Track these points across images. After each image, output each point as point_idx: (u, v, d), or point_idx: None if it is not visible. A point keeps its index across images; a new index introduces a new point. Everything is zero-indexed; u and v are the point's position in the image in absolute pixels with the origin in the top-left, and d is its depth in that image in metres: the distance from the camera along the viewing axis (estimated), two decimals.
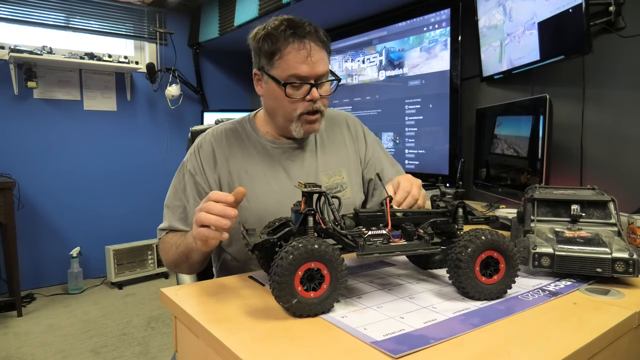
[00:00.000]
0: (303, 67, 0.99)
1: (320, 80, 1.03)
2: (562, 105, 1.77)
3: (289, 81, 1.00)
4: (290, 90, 1.01)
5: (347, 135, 1.24)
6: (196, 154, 1.12)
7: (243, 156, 1.12)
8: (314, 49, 1.00)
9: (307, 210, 0.70)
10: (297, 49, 0.99)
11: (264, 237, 0.72)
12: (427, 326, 0.62)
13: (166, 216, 1.11)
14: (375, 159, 1.24)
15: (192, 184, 1.11)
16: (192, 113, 3.84)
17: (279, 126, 1.11)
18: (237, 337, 0.60)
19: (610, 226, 0.90)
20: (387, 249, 0.72)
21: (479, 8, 2.07)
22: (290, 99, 1.02)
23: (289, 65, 0.99)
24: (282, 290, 0.63)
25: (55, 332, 2.50)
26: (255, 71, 1.08)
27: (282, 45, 0.99)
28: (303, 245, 0.63)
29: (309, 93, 1.02)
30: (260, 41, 1.02)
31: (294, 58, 0.99)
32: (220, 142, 1.13)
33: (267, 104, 1.11)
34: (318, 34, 1.02)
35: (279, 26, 1.00)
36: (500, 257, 0.72)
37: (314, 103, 1.04)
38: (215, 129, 1.16)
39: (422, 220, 0.78)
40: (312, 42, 1.00)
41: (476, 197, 2.14)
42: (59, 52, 3.13)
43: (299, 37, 0.99)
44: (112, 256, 3.23)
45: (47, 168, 3.23)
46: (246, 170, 1.10)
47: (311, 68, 1.00)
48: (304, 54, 0.99)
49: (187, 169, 1.12)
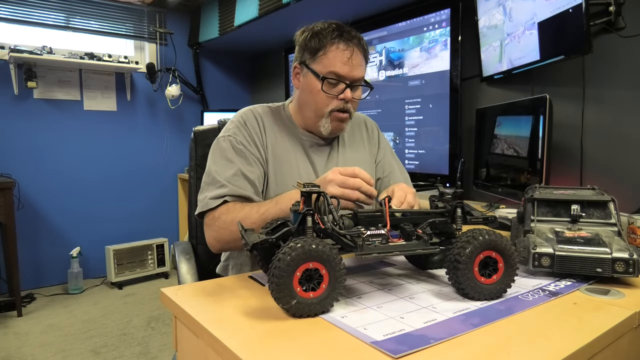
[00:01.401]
0: (343, 66, 1.06)
1: (355, 83, 1.10)
2: (562, 105, 1.77)
3: (328, 77, 1.07)
4: (326, 86, 1.07)
5: (365, 136, 1.29)
6: (242, 127, 1.14)
7: (279, 137, 1.16)
8: (356, 53, 1.08)
9: (305, 210, 0.70)
10: (341, 50, 1.06)
11: (263, 236, 0.72)
12: (427, 326, 0.62)
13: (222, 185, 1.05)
14: (386, 162, 1.29)
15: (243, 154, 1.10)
16: (192, 113, 3.85)
17: (309, 120, 1.15)
18: (237, 337, 0.60)
19: (610, 226, 0.90)
20: (386, 249, 0.72)
21: (479, 8, 2.07)
22: (325, 93, 1.08)
23: (331, 62, 1.06)
24: (281, 292, 0.63)
25: (55, 332, 2.50)
26: (296, 65, 1.14)
27: (328, 43, 1.06)
28: (300, 245, 0.63)
29: (343, 92, 1.08)
30: (307, 37, 1.10)
31: (336, 57, 1.06)
32: (263, 118, 1.17)
33: (302, 97, 1.15)
34: (361, 42, 1.10)
35: (327, 27, 1.08)
36: (498, 256, 0.72)
37: (345, 103, 1.09)
38: (254, 108, 1.20)
39: (421, 220, 0.78)
40: (355, 47, 1.07)
41: (476, 197, 2.15)
42: (59, 52, 3.13)
43: (344, 39, 1.07)
44: (112, 256, 3.23)
45: (47, 168, 3.23)
46: (280, 151, 1.14)
47: (350, 69, 1.07)
48: (346, 55, 1.06)
49: (237, 141, 1.11)
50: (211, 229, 1.05)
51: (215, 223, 1.03)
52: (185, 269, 1.28)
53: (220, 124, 1.42)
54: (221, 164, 1.09)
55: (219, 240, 1.04)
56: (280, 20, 2.91)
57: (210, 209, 1.05)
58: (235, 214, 1.00)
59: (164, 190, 3.75)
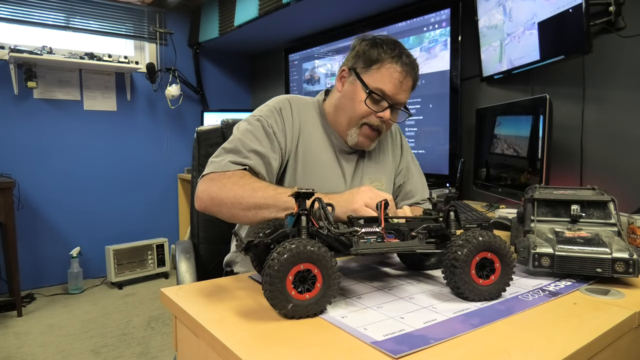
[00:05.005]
0: (393, 87, 1.07)
1: (396, 106, 1.10)
2: (562, 105, 1.77)
3: (375, 92, 1.07)
4: (370, 100, 1.08)
5: (390, 142, 1.29)
6: (277, 114, 1.11)
7: (314, 133, 1.15)
8: (408, 79, 1.09)
9: (300, 211, 0.70)
10: (397, 71, 1.07)
11: (257, 238, 0.72)
12: (427, 326, 0.62)
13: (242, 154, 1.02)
14: (407, 167, 1.30)
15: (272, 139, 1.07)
16: (192, 113, 3.84)
17: (340, 126, 1.14)
18: (237, 337, 0.60)
19: (610, 226, 0.90)
20: (382, 246, 0.71)
21: (479, 8, 2.07)
22: (365, 107, 1.08)
23: (383, 79, 1.07)
24: (275, 298, 0.63)
25: (55, 332, 2.50)
26: (345, 69, 1.14)
27: (387, 60, 1.06)
28: (289, 249, 0.62)
29: (384, 111, 1.08)
30: (367, 46, 1.09)
31: (390, 75, 1.06)
32: (300, 110, 1.15)
33: (341, 101, 1.14)
34: (416, 69, 1.11)
35: (390, 43, 1.08)
36: (494, 257, 0.72)
37: (382, 121, 1.10)
38: (292, 97, 1.18)
39: (416, 225, 0.78)
40: (409, 72, 1.08)
41: (476, 197, 2.15)
42: (59, 52, 3.13)
43: (403, 62, 1.07)
44: (112, 256, 3.23)
45: (47, 168, 3.23)
46: (310, 148, 1.13)
47: (397, 92, 1.08)
48: (399, 77, 1.07)
49: (268, 124, 1.08)
50: (214, 183, 0.96)
51: (223, 179, 0.96)
52: (185, 268, 1.28)
53: (224, 124, 1.42)
54: (249, 138, 1.05)
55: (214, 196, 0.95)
56: (280, 20, 2.91)
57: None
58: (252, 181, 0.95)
59: (164, 190, 3.75)
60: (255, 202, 0.92)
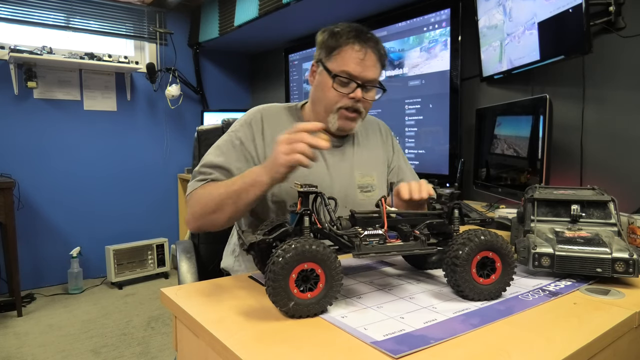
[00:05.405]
0: (356, 66, 1.08)
1: (368, 84, 1.11)
2: (562, 105, 1.77)
3: (340, 75, 1.09)
4: (337, 84, 1.10)
5: (380, 140, 1.31)
6: (246, 126, 1.16)
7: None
8: (370, 55, 1.10)
9: (303, 210, 0.70)
10: (356, 50, 1.08)
11: (260, 237, 0.72)
12: (427, 326, 0.62)
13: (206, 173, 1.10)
14: (399, 168, 1.32)
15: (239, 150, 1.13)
16: (192, 113, 3.84)
17: (319, 116, 1.17)
18: (237, 337, 0.60)
19: (610, 226, 0.90)
20: (383, 249, 0.71)
21: (479, 8, 2.07)
22: (335, 91, 1.10)
23: (344, 62, 1.08)
24: (277, 295, 0.63)
25: (55, 332, 2.50)
26: (314, 63, 1.17)
27: (344, 43, 1.09)
28: (294, 247, 0.63)
29: (354, 91, 1.10)
30: (326, 36, 1.13)
31: (350, 56, 1.08)
32: (269, 119, 1.18)
33: (314, 93, 1.18)
34: (378, 45, 1.12)
35: (346, 28, 1.10)
36: (495, 256, 0.72)
37: (355, 102, 1.11)
38: (264, 108, 1.22)
39: (418, 222, 0.78)
40: (370, 49, 1.09)
41: (476, 197, 2.15)
42: (59, 52, 3.13)
43: (360, 40, 1.09)
44: (112, 256, 3.23)
45: (47, 168, 3.23)
46: None
47: (362, 70, 1.09)
48: (359, 56, 1.08)
49: (236, 137, 1.15)
50: (188, 206, 1.07)
51: (191, 199, 1.06)
52: (186, 267, 1.28)
53: (224, 123, 1.42)
54: (216, 153, 1.13)
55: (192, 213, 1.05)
56: (280, 20, 2.91)
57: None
58: (209, 189, 1.04)
59: (164, 190, 3.75)
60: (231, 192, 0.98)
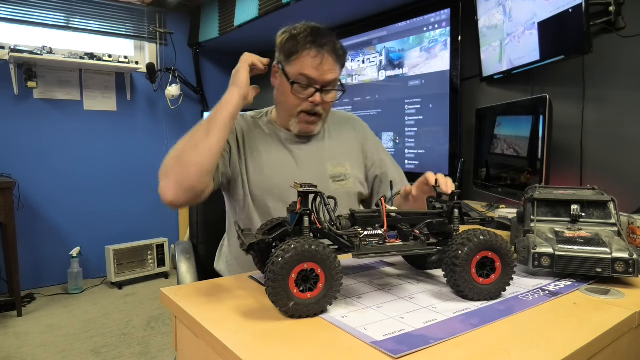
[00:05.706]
0: (314, 71, 1.10)
1: (327, 87, 1.13)
2: (562, 105, 1.77)
3: (298, 80, 1.11)
4: (296, 88, 1.12)
5: (354, 135, 1.32)
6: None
7: (257, 138, 1.21)
8: (327, 59, 1.10)
9: (302, 210, 0.70)
10: (312, 56, 1.09)
11: (260, 237, 0.72)
12: (427, 326, 0.62)
13: None
14: (380, 160, 1.32)
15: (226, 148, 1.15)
16: (192, 113, 3.84)
17: (282, 119, 1.21)
18: (237, 337, 0.60)
19: (610, 226, 0.90)
20: (383, 249, 0.71)
21: (479, 8, 2.07)
22: (294, 96, 1.12)
23: (302, 67, 1.10)
24: (277, 295, 0.63)
25: (55, 332, 2.50)
26: (275, 64, 1.18)
27: (301, 48, 1.10)
28: (294, 247, 0.63)
29: (313, 95, 1.12)
30: (284, 40, 1.14)
31: (307, 62, 1.10)
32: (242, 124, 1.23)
33: (277, 96, 1.20)
34: (335, 47, 1.12)
35: (304, 32, 1.11)
36: (495, 256, 0.72)
37: (315, 106, 1.13)
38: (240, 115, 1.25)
39: (418, 221, 0.78)
40: (327, 52, 1.10)
41: (476, 197, 2.15)
42: (59, 52, 3.13)
43: (317, 45, 1.10)
44: (112, 256, 3.23)
45: (47, 168, 3.23)
46: (258, 148, 1.19)
47: (320, 74, 1.10)
48: (317, 61, 1.10)
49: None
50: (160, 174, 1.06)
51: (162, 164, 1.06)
52: (185, 268, 1.28)
53: None
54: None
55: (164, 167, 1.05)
56: (280, 20, 2.87)
57: None
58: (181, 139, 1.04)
59: None
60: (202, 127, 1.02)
